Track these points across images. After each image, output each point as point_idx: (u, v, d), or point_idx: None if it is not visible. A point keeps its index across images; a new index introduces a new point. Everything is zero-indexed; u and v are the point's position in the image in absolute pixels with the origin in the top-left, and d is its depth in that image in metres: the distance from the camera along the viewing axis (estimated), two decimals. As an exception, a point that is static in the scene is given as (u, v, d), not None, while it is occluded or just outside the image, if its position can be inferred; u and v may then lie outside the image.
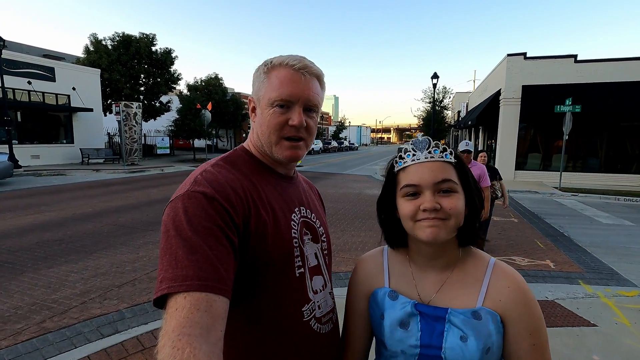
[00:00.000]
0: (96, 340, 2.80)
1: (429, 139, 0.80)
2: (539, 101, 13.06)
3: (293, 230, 0.85)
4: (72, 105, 18.25)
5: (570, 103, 11.36)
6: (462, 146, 4.28)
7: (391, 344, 0.81)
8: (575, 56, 13.32)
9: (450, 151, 0.79)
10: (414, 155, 0.79)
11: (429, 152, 0.78)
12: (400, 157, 0.81)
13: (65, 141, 18.53)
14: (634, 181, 13.03)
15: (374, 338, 0.94)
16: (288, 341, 0.82)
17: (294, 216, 0.88)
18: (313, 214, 0.96)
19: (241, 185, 0.79)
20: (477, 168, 4.22)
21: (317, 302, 0.88)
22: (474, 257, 0.83)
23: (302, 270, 0.86)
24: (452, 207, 0.74)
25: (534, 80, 13.58)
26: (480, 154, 4.83)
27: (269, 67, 0.85)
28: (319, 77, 0.87)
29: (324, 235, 0.98)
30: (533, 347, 0.74)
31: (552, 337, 2.91)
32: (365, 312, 0.90)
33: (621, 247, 5.64)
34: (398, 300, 0.82)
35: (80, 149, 17.87)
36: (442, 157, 0.78)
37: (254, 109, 0.90)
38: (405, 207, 0.77)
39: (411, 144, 0.81)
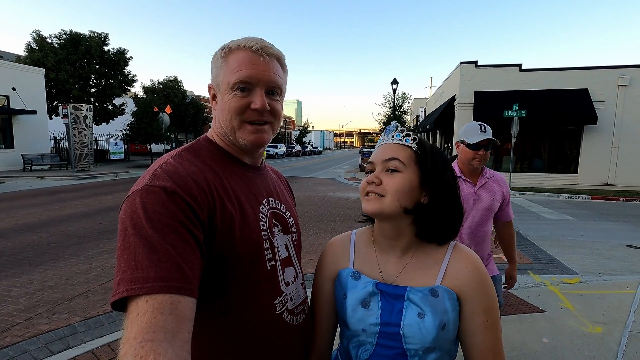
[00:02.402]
0: (44, 358, 2.58)
1: (397, 125, 0.87)
2: (489, 106, 13.94)
3: (262, 223, 0.83)
4: (11, 107, 16.70)
5: (517, 108, 12.23)
6: (473, 133, 1.97)
7: (353, 322, 0.83)
8: (520, 65, 14.39)
9: (414, 137, 0.84)
10: (382, 139, 0.88)
11: (392, 137, 0.86)
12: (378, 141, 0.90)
13: (3, 146, 16.91)
14: (572, 180, 14.27)
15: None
16: (260, 335, 0.81)
17: (262, 208, 0.86)
18: (282, 205, 0.95)
19: (204, 177, 0.75)
20: (499, 183, 2.07)
21: (290, 294, 0.88)
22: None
23: (273, 262, 0.84)
24: (390, 184, 0.79)
25: (484, 87, 14.49)
26: (479, 151, 1.99)
27: (227, 51, 0.81)
28: (279, 59, 0.84)
29: (294, 226, 0.97)
30: (486, 324, 0.79)
31: (507, 324, 3.10)
32: (331, 295, 0.93)
33: (564, 240, 6.15)
34: (360, 280, 0.86)
35: (21, 154, 16.38)
36: (402, 140, 0.84)
37: (214, 97, 0.86)
38: (362, 182, 0.86)
39: (384, 130, 0.89)
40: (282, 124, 0.92)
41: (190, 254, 0.65)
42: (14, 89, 16.54)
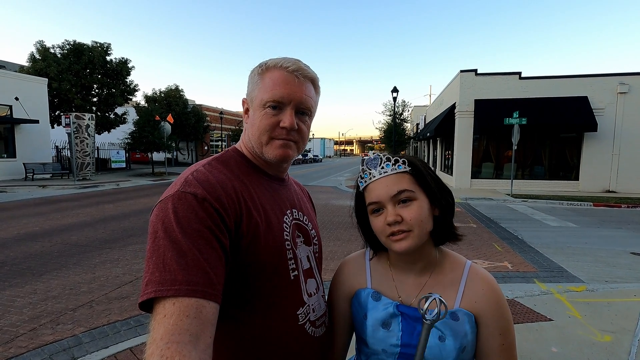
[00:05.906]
0: (49, 370, 2.56)
1: (379, 156, 0.83)
2: (490, 114, 13.99)
3: (285, 233, 0.85)
4: (14, 116, 16.79)
5: (517, 116, 12.29)
6: None
7: (373, 342, 0.83)
8: (519, 73, 14.48)
9: (403, 160, 0.82)
10: (370, 173, 0.83)
11: (382, 168, 0.82)
12: (361, 177, 0.85)
13: (5, 155, 16.95)
14: (573, 187, 14.26)
15: (353, 335, 0.97)
16: (282, 345, 0.81)
17: (286, 218, 0.87)
18: (305, 216, 0.96)
19: (232, 185, 0.78)
20: None
21: (312, 305, 0.88)
22: (451, 261, 0.88)
23: (296, 273, 0.85)
24: (412, 217, 0.77)
25: (485, 95, 14.56)
26: None
27: (264, 69, 0.84)
28: (313, 81, 0.87)
29: (316, 238, 0.98)
30: (502, 347, 0.80)
31: (515, 333, 3.07)
32: (347, 312, 0.93)
33: (568, 247, 6.12)
34: (381, 301, 0.86)
35: (23, 163, 16.41)
36: (395, 169, 0.81)
37: (247, 111, 0.89)
38: (374, 224, 0.82)
39: (365, 164, 0.84)
40: (311, 124, 0.93)
41: (216, 259, 0.67)
42: (16, 98, 16.65)
